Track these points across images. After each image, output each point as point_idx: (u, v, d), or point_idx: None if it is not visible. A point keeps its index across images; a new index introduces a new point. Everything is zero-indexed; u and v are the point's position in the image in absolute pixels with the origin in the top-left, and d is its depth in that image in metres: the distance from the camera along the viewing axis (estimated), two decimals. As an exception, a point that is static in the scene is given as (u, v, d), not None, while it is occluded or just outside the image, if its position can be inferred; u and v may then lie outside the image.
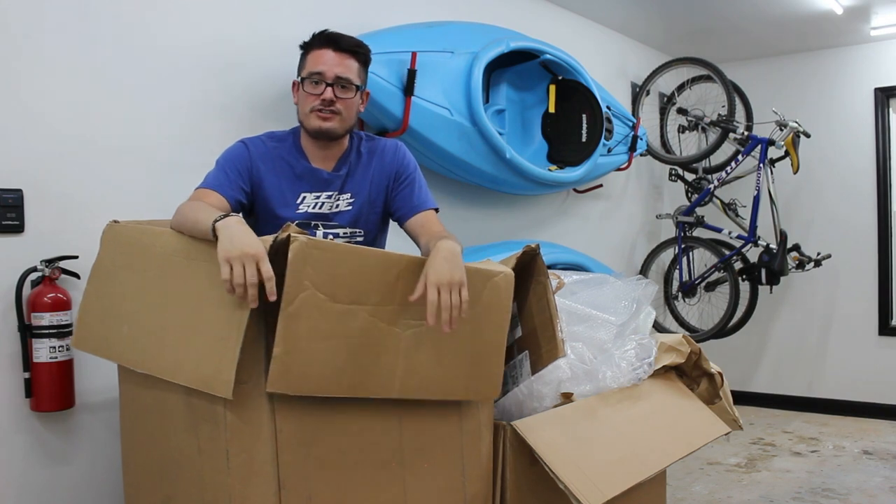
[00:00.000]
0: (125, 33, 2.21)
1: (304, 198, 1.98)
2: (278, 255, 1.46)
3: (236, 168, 1.91)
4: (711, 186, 4.36)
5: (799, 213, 5.01)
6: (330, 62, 1.91)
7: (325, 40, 1.94)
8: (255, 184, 1.94)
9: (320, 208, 1.98)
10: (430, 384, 1.65)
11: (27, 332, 1.96)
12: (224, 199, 1.84)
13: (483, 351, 1.73)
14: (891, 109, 4.88)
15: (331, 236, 1.97)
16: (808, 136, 4.29)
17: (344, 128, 1.97)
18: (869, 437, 4.37)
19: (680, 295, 4.50)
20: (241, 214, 1.81)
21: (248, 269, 1.42)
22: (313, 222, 1.97)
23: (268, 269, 1.43)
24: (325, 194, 1.99)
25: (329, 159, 2.01)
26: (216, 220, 1.52)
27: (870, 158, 4.86)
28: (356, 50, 1.96)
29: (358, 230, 2.03)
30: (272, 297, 1.43)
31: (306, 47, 1.97)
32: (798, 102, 4.95)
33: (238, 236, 1.47)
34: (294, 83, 2.00)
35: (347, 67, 1.93)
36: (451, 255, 1.63)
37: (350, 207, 2.01)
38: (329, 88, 1.91)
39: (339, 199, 2.00)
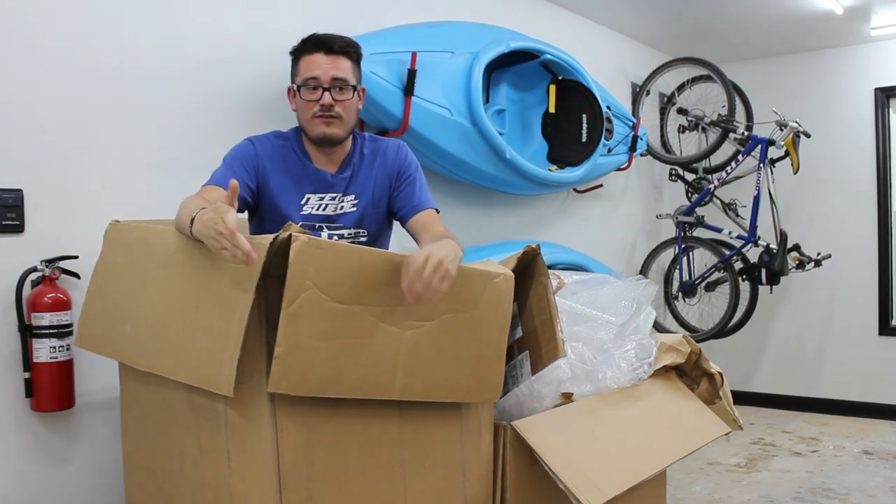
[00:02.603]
0: (125, 33, 2.21)
1: (308, 199, 1.98)
2: (279, 254, 1.46)
3: (243, 166, 1.91)
4: (711, 186, 4.36)
5: (799, 213, 5.01)
6: (324, 65, 1.91)
7: (315, 44, 1.92)
8: (262, 182, 1.94)
9: (324, 210, 1.99)
10: (431, 386, 1.65)
11: (27, 332, 1.96)
12: None
13: (484, 352, 1.73)
14: (891, 109, 4.88)
15: (335, 237, 1.97)
16: (808, 136, 4.29)
17: (346, 130, 1.97)
18: (869, 437, 4.37)
19: (680, 295, 4.50)
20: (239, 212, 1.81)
21: (229, 245, 1.39)
22: (317, 224, 1.98)
23: (231, 230, 1.39)
24: (328, 196, 1.99)
25: (333, 161, 2.01)
26: (191, 230, 1.51)
27: (870, 158, 4.86)
28: (347, 49, 1.95)
29: (362, 231, 2.03)
30: (253, 257, 1.39)
31: (297, 53, 1.96)
32: (798, 102, 4.95)
33: (204, 227, 1.45)
34: (289, 89, 1.99)
35: (341, 68, 1.93)
36: (451, 250, 1.62)
37: (354, 209, 2.02)
38: (327, 93, 1.91)
39: (343, 201, 2.01)
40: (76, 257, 2.03)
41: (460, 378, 1.69)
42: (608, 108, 3.68)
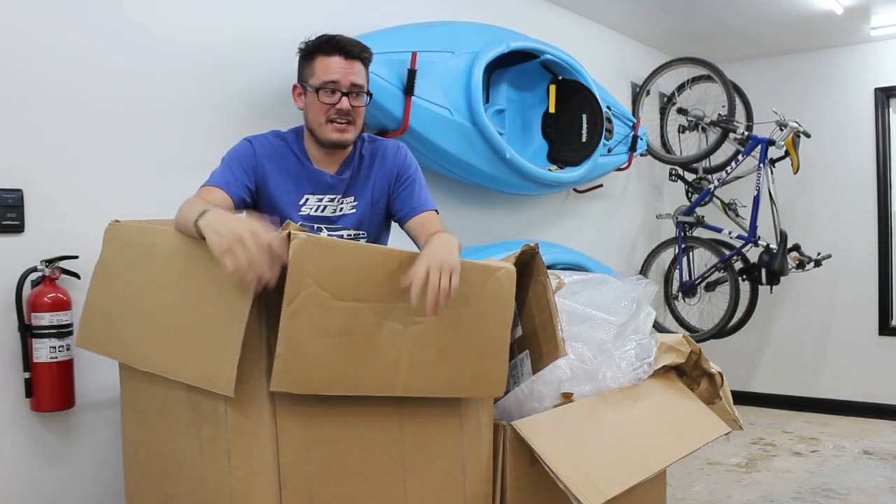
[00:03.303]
0: (126, 33, 2.21)
1: (307, 200, 1.98)
2: (278, 254, 1.46)
3: (242, 166, 1.91)
4: (711, 186, 4.36)
5: (799, 213, 5.01)
6: (343, 70, 1.91)
7: (334, 47, 1.92)
8: (261, 182, 1.94)
9: (322, 211, 1.98)
10: (434, 382, 1.65)
11: (27, 332, 1.96)
12: (228, 196, 1.84)
13: (487, 347, 1.73)
14: (891, 109, 4.88)
15: (334, 237, 1.97)
16: (808, 136, 4.29)
17: (356, 135, 1.99)
18: (869, 437, 4.37)
19: (680, 295, 4.50)
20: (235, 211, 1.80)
21: (248, 250, 1.36)
22: (316, 225, 1.97)
23: (264, 237, 1.36)
24: (327, 197, 1.99)
25: (333, 163, 2.01)
26: (196, 222, 1.49)
27: (870, 158, 4.86)
28: (363, 55, 1.96)
29: (361, 232, 2.03)
30: (284, 259, 1.37)
31: (311, 53, 1.95)
32: (798, 102, 4.95)
33: (222, 225, 1.42)
34: (295, 87, 1.99)
35: (359, 74, 1.93)
36: (447, 244, 1.63)
37: (354, 210, 2.01)
38: (345, 98, 1.91)
39: (342, 203, 2.01)
40: (76, 257, 2.03)
41: (463, 374, 1.69)
42: (608, 108, 3.68)
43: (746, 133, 4.27)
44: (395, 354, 1.57)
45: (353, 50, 1.92)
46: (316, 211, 1.98)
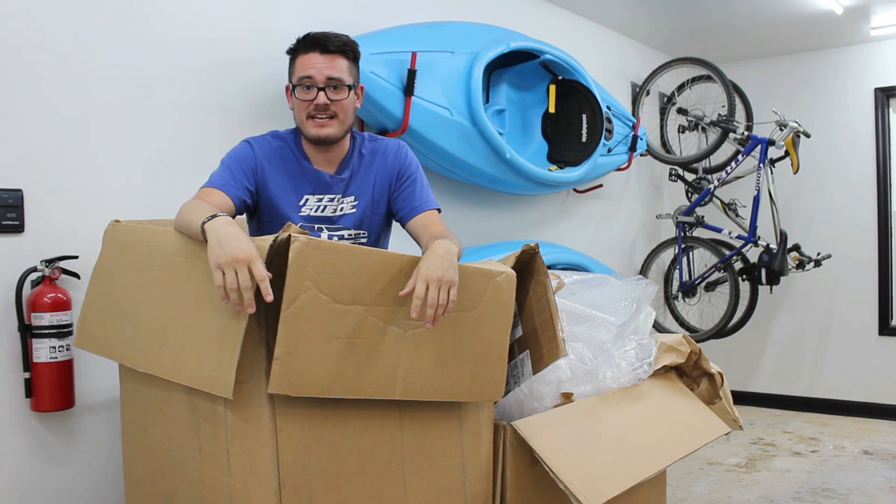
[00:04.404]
0: (125, 33, 2.21)
1: (307, 200, 1.97)
2: (279, 255, 1.46)
3: (241, 168, 1.91)
4: (711, 186, 4.36)
5: (799, 214, 5.01)
6: (319, 65, 1.90)
7: (311, 43, 1.91)
8: (261, 183, 1.94)
9: (322, 211, 1.98)
10: (432, 385, 1.65)
11: (27, 332, 1.96)
12: (228, 198, 1.84)
13: (485, 352, 1.73)
14: (891, 109, 4.88)
15: (335, 238, 1.97)
16: (808, 136, 4.29)
17: (343, 130, 1.96)
18: (869, 437, 4.37)
19: (680, 295, 4.50)
20: (234, 215, 1.80)
21: (240, 274, 1.41)
22: (317, 225, 1.97)
23: (261, 271, 1.41)
24: (327, 197, 1.99)
25: (331, 162, 2.00)
26: (204, 222, 1.52)
27: (870, 158, 4.86)
28: (344, 48, 1.93)
29: (362, 231, 2.03)
30: (269, 298, 1.42)
31: (293, 52, 1.95)
32: (798, 102, 4.95)
33: (227, 239, 1.45)
34: (287, 88, 1.99)
35: (337, 68, 1.91)
36: (445, 254, 1.62)
37: (354, 210, 2.01)
38: (321, 93, 1.90)
39: (342, 202, 2.00)
40: (76, 257, 2.03)
41: (462, 377, 1.69)
42: (608, 108, 3.69)
43: (746, 133, 4.27)
44: (393, 358, 1.58)
45: (329, 44, 1.90)
46: (316, 211, 1.97)
